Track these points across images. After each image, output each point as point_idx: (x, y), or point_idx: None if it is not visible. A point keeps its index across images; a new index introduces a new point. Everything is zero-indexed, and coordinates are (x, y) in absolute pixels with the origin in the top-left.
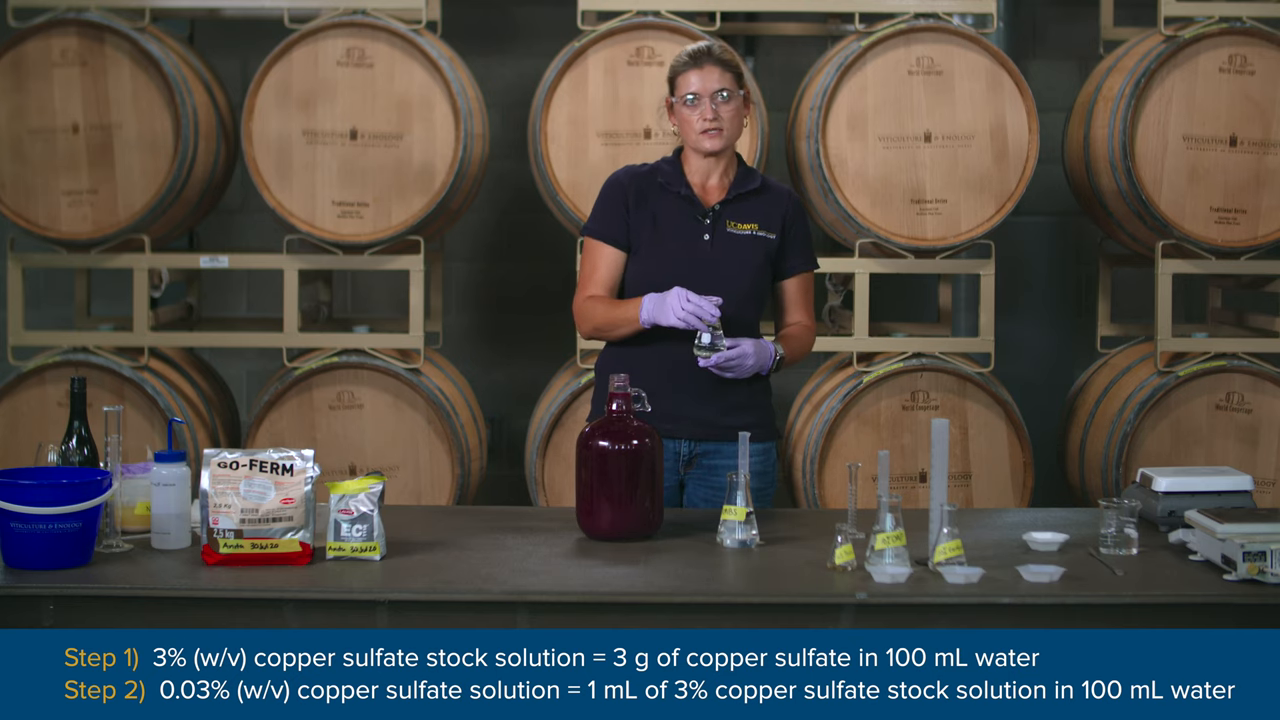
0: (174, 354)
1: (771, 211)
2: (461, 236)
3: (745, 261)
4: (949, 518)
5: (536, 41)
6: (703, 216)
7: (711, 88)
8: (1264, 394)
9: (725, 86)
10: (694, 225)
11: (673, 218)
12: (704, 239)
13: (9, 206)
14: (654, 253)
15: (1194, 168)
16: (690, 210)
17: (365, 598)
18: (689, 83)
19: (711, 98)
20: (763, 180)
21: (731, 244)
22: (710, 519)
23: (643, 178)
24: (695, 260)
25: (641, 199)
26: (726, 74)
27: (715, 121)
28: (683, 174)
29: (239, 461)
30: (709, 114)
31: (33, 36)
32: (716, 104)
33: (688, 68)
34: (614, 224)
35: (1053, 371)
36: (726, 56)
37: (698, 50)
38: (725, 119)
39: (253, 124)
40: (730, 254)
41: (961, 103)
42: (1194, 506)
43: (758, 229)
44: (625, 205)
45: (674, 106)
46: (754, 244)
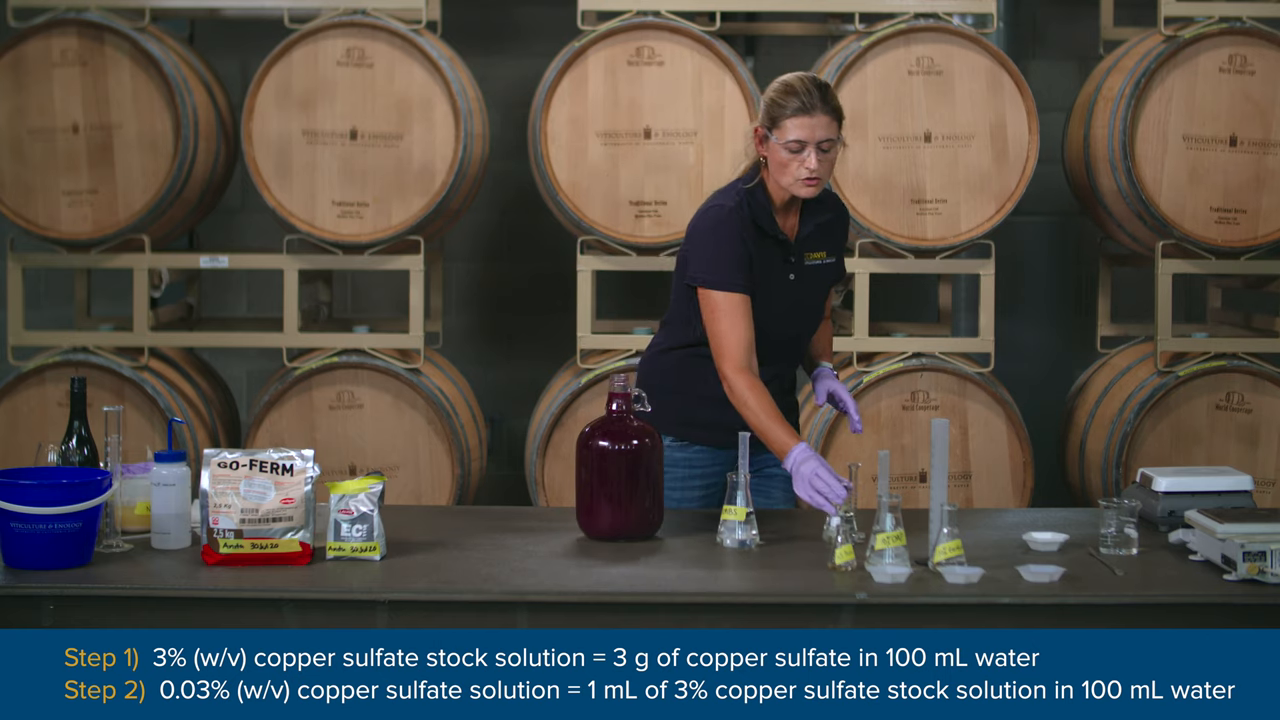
0: (174, 354)
1: (835, 234)
2: (461, 236)
3: (819, 293)
4: (949, 518)
5: (536, 41)
6: (789, 256)
7: (819, 137)
8: (1264, 394)
9: (832, 135)
10: (782, 264)
11: (767, 259)
12: (789, 279)
13: (9, 206)
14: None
15: (1194, 168)
16: (781, 250)
17: (365, 598)
18: (797, 128)
19: (817, 147)
20: (827, 204)
21: (810, 276)
22: (710, 519)
23: (746, 221)
24: (783, 301)
25: (751, 243)
26: (834, 123)
27: (816, 172)
28: (771, 210)
29: (239, 461)
30: (813, 164)
31: (33, 36)
32: (820, 154)
33: (800, 113)
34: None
35: (1053, 371)
36: (836, 103)
37: (809, 93)
38: (825, 170)
39: (253, 124)
40: (810, 288)
41: (961, 103)
42: (1194, 506)
43: (826, 256)
44: (750, 254)
45: (768, 141)
46: (825, 272)
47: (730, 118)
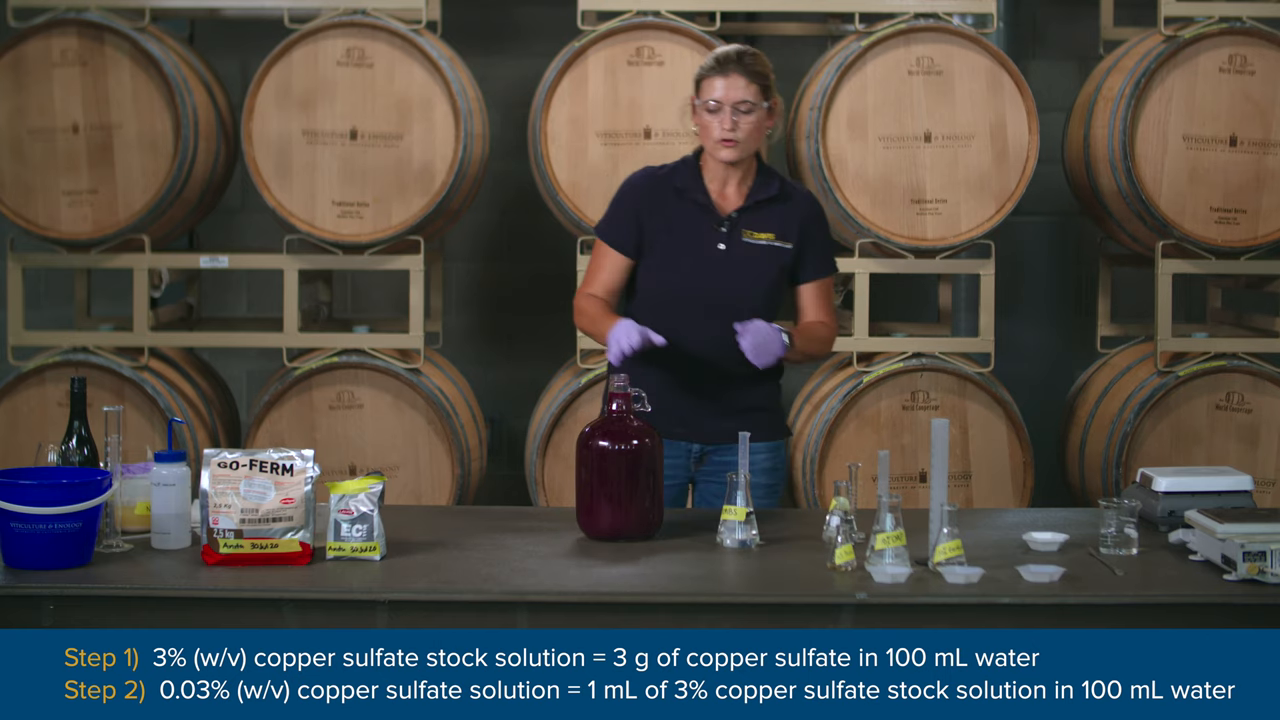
0: (174, 354)
1: (789, 219)
2: (461, 236)
3: (760, 273)
4: (949, 518)
5: (536, 41)
6: (719, 225)
7: (734, 98)
8: (1264, 394)
9: (748, 98)
10: (710, 234)
11: (688, 225)
12: (719, 248)
13: (9, 206)
14: (668, 261)
15: (1194, 168)
16: (706, 218)
17: (365, 598)
18: (713, 88)
19: (733, 108)
20: (782, 185)
21: (747, 254)
22: (710, 519)
23: (660, 181)
24: (708, 270)
25: (658, 205)
26: (752, 85)
27: (733, 132)
28: (701, 178)
29: (239, 461)
30: (727, 124)
31: (33, 36)
32: (737, 115)
33: (713, 73)
34: (622, 230)
35: (1053, 371)
36: (757, 66)
37: (726, 56)
38: (743, 131)
39: (253, 124)
40: (745, 264)
41: (961, 103)
42: (1194, 506)
43: (774, 239)
44: (638, 211)
45: (696, 108)
46: (769, 254)
47: None
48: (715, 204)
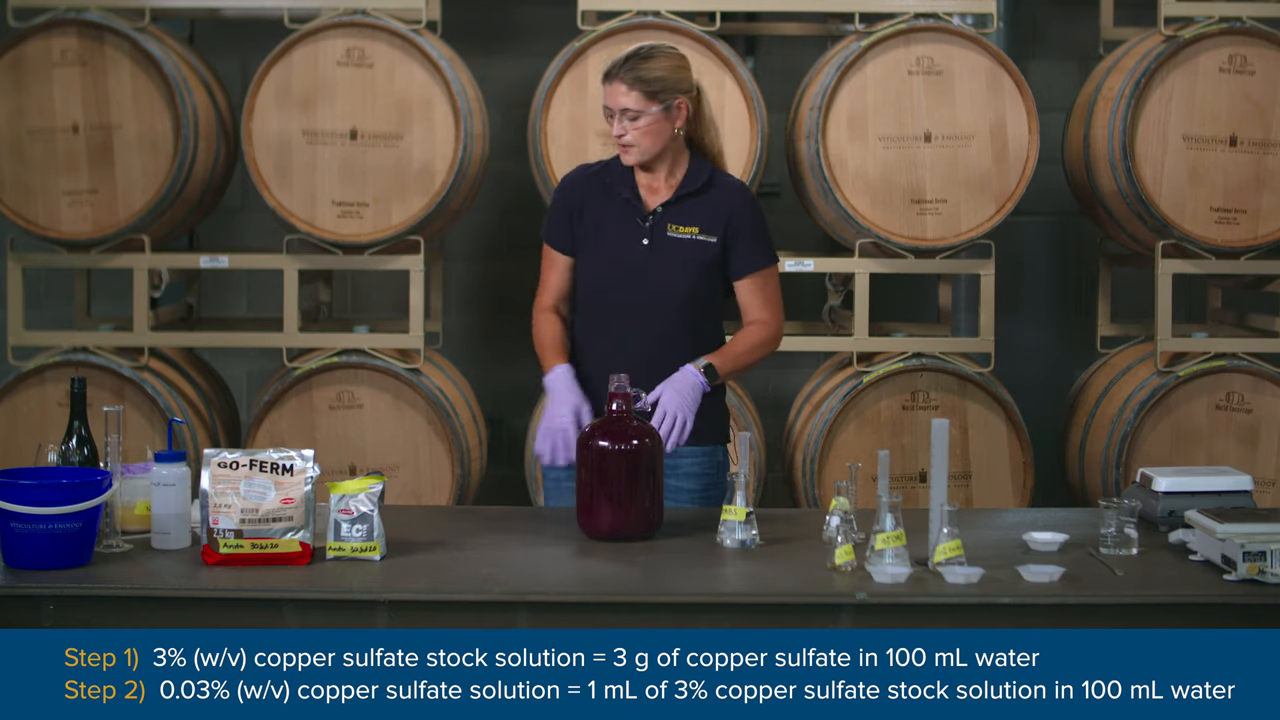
0: (174, 354)
1: (716, 212)
2: (461, 236)
3: (684, 267)
4: (949, 518)
5: (536, 41)
6: (643, 220)
7: (618, 105)
8: (1264, 394)
9: (630, 106)
10: (634, 229)
11: (614, 221)
12: (642, 243)
13: (9, 206)
14: (594, 258)
15: (1194, 168)
16: (632, 214)
17: (365, 598)
18: (604, 95)
19: (621, 114)
20: (711, 179)
21: (670, 248)
22: (710, 519)
23: (592, 179)
24: (631, 265)
25: (588, 201)
26: (633, 92)
27: (623, 138)
28: (631, 174)
29: (239, 461)
30: (616, 130)
31: (33, 36)
32: (625, 122)
33: (603, 80)
34: (560, 230)
35: (1053, 371)
36: (640, 72)
37: (613, 62)
38: (633, 136)
39: (253, 124)
40: (667, 259)
41: (961, 103)
42: (1194, 506)
43: (699, 233)
44: (570, 210)
45: None
46: (694, 248)
47: (730, 118)
48: (643, 199)
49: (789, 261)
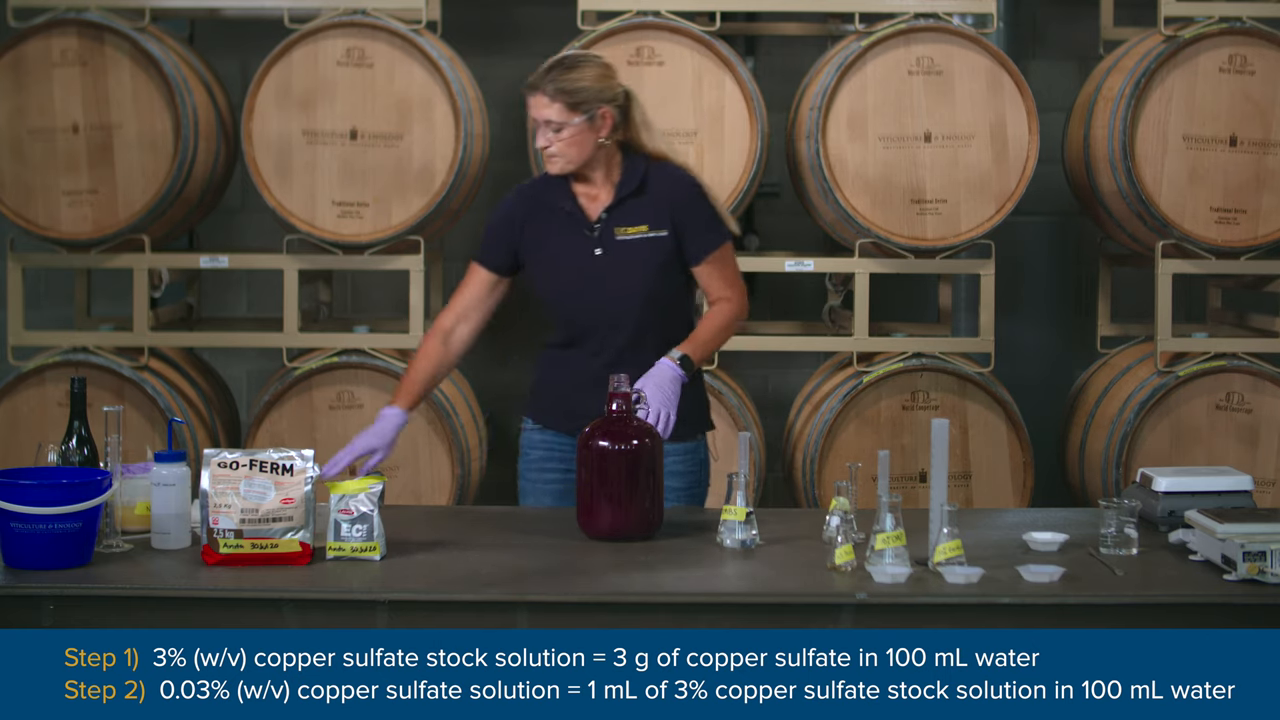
0: (174, 354)
1: (659, 206)
2: (461, 236)
3: (640, 267)
4: (949, 518)
5: (536, 41)
6: (590, 230)
7: (541, 117)
8: (1264, 394)
9: (552, 118)
10: (583, 240)
11: (561, 236)
12: (595, 252)
13: (9, 206)
14: (549, 274)
15: (1194, 168)
16: (578, 225)
17: (365, 598)
18: (528, 106)
19: (544, 125)
20: (645, 174)
21: (623, 251)
22: (710, 519)
23: (530, 198)
24: (586, 276)
25: (530, 219)
26: (554, 103)
27: (548, 149)
28: (568, 186)
29: (239, 461)
30: (540, 142)
31: (33, 36)
32: (549, 133)
33: (525, 92)
34: (496, 251)
35: (1053, 371)
36: (561, 84)
37: (535, 74)
38: (558, 147)
39: (253, 124)
40: (622, 262)
41: (961, 103)
42: (1194, 506)
43: (648, 230)
44: (511, 226)
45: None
46: (647, 246)
47: (730, 118)
48: (584, 209)
49: (789, 261)
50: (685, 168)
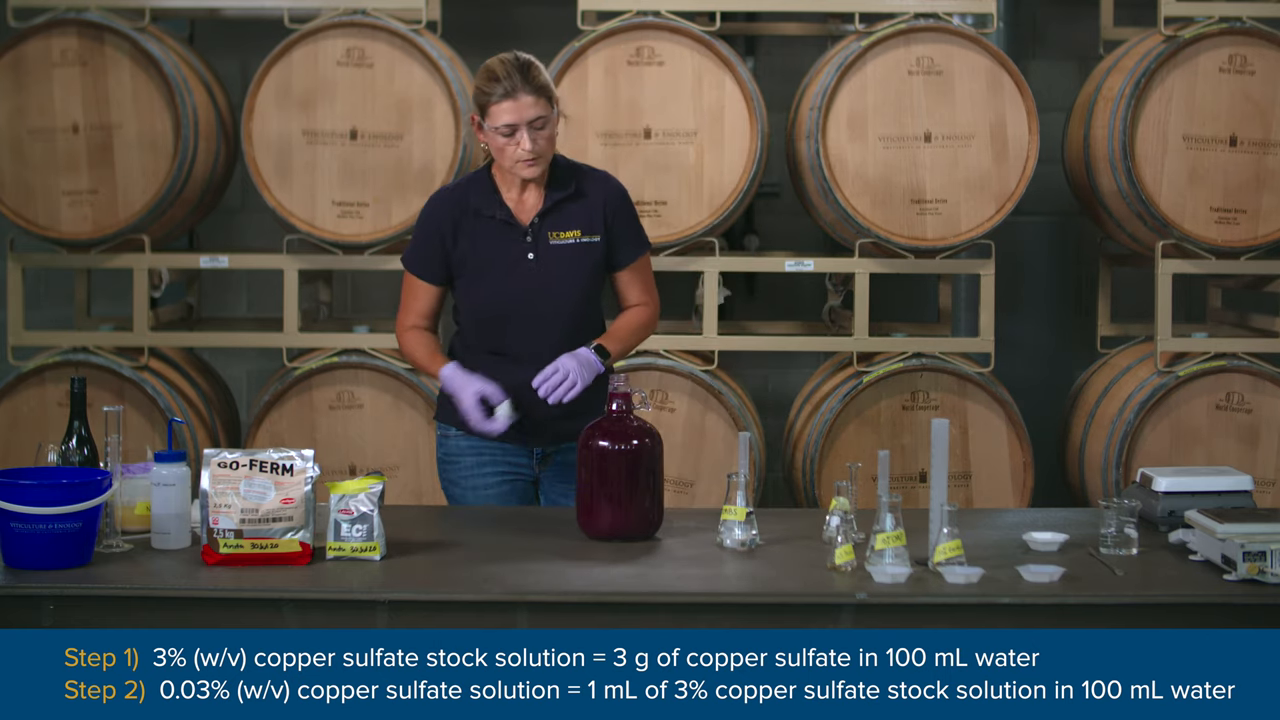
0: (174, 354)
1: (592, 212)
2: None
3: (573, 273)
4: (949, 518)
5: (536, 41)
6: (523, 236)
7: (528, 117)
8: (1264, 394)
9: (539, 114)
10: (516, 246)
11: (493, 243)
12: (529, 258)
13: (9, 206)
14: (481, 282)
15: (1194, 168)
16: (510, 232)
17: (365, 598)
18: (503, 113)
19: (529, 126)
20: (577, 180)
21: (557, 256)
22: (710, 519)
23: (457, 204)
24: (522, 283)
25: (457, 228)
26: (540, 100)
27: (534, 150)
28: (497, 191)
29: (239, 461)
30: (527, 145)
31: (33, 36)
32: (534, 133)
33: (504, 98)
34: (428, 261)
35: (1053, 371)
36: (540, 79)
37: (508, 77)
38: (542, 146)
39: (253, 124)
40: (557, 268)
41: (961, 103)
42: (1194, 506)
43: (580, 235)
44: (441, 239)
45: (485, 130)
46: (579, 251)
47: (730, 118)
48: (515, 214)
49: (789, 261)
50: (609, 174)
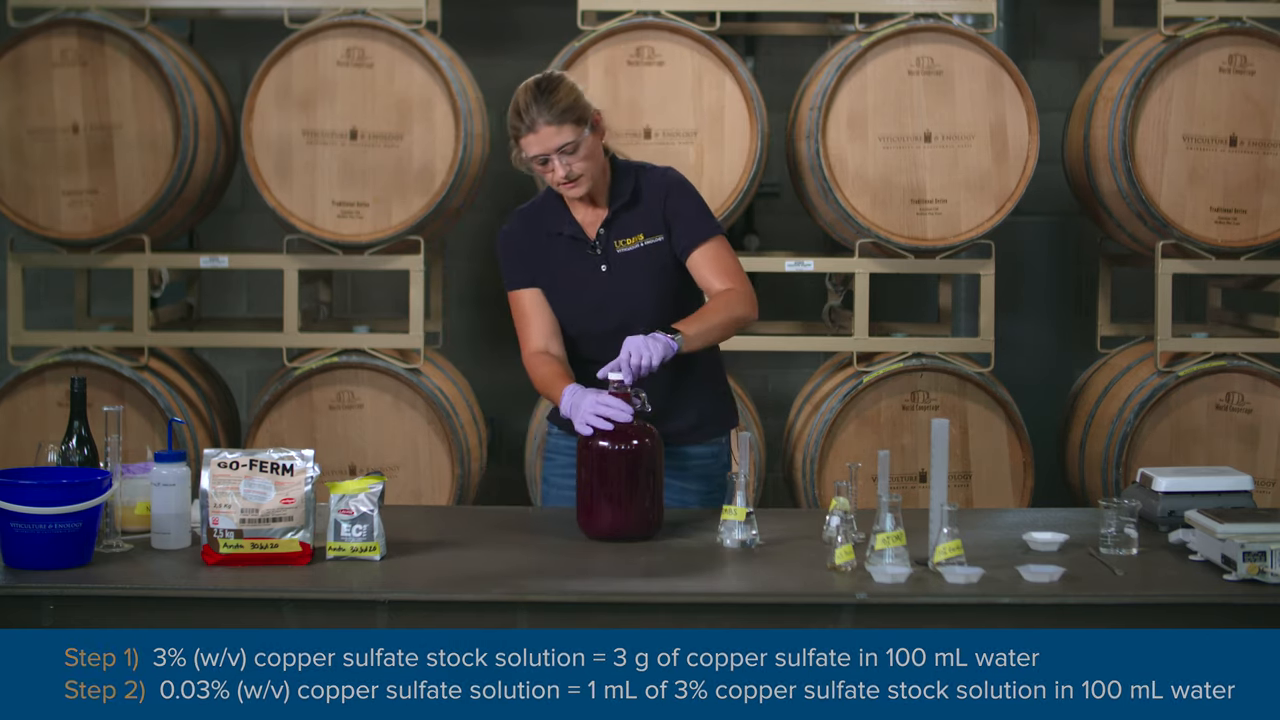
0: (174, 354)
1: (651, 212)
2: (461, 236)
3: (647, 275)
4: (949, 518)
5: (536, 41)
6: (592, 250)
7: (553, 147)
8: (1264, 394)
9: (566, 140)
10: (588, 259)
11: (567, 260)
12: (601, 270)
13: (9, 206)
14: (563, 298)
15: (1194, 168)
16: (579, 247)
17: (365, 598)
18: (529, 147)
19: (558, 154)
20: (637, 182)
21: (626, 263)
22: (710, 519)
23: (532, 225)
24: (600, 294)
25: (537, 249)
26: (564, 126)
27: (569, 174)
28: (566, 208)
29: (239, 461)
30: (560, 172)
31: (33, 36)
32: (565, 158)
33: (526, 133)
34: (524, 271)
35: (1053, 371)
36: (559, 104)
37: (529, 110)
38: (579, 168)
39: (253, 124)
40: (627, 275)
41: (961, 103)
42: (1194, 506)
43: (644, 238)
44: (523, 257)
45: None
46: (646, 254)
47: (730, 118)
48: (583, 228)
49: (789, 261)
50: (669, 167)
